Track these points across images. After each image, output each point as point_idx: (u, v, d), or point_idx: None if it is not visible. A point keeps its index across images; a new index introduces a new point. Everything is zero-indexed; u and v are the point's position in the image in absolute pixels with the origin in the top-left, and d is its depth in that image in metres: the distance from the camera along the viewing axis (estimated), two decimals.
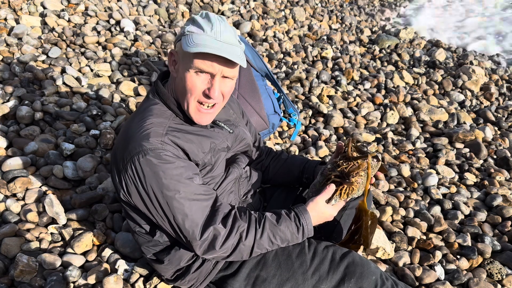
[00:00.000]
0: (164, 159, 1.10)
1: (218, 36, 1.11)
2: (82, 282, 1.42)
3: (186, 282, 1.33)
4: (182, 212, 1.11)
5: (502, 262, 1.82)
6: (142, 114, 1.20)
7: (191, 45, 1.09)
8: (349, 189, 1.26)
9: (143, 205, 1.15)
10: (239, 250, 1.16)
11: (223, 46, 1.10)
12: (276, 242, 1.20)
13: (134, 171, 1.10)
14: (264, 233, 1.18)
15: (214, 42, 1.10)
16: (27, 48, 2.68)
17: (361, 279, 1.24)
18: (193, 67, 1.13)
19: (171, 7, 4.06)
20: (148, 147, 1.09)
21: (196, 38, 1.10)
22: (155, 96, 1.26)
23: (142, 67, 2.90)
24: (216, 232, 1.13)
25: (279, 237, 1.20)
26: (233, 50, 1.12)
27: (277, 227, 1.19)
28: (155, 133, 1.13)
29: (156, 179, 1.09)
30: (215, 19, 1.14)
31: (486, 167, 2.60)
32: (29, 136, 2.01)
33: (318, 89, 3.27)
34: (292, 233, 1.21)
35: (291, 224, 1.21)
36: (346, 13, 5.61)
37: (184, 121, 1.25)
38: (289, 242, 1.23)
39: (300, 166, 1.57)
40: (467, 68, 3.92)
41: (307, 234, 1.23)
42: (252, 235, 1.16)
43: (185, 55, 1.14)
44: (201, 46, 1.09)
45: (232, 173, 1.35)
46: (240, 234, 1.15)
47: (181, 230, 1.13)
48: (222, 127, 1.36)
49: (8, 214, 1.65)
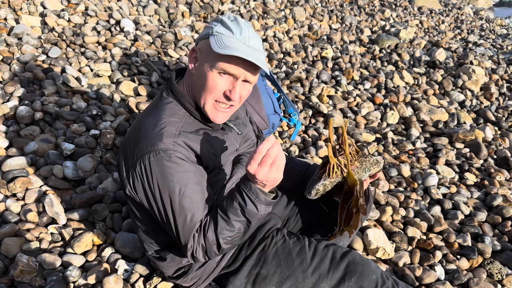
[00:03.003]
0: (174, 161, 1.09)
1: (247, 41, 1.12)
2: (82, 282, 1.42)
3: (188, 280, 1.33)
4: (184, 216, 1.10)
5: (502, 262, 1.82)
6: (157, 112, 1.20)
7: (221, 47, 1.09)
8: (336, 167, 1.25)
9: (147, 203, 1.15)
10: (210, 250, 1.12)
11: (251, 51, 1.12)
12: (232, 221, 1.10)
13: (143, 169, 1.10)
14: (218, 222, 1.10)
15: (243, 47, 1.11)
16: (27, 48, 2.68)
17: (361, 278, 1.24)
18: (217, 68, 1.13)
19: (171, 7, 4.06)
20: (160, 147, 1.09)
21: (226, 40, 1.11)
22: (169, 94, 1.25)
23: (142, 67, 2.90)
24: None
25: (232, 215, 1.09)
26: (260, 56, 1.14)
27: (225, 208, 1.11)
28: (168, 133, 1.12)
29: (163, 180, 1.09)
30: (244, 23, 1.15)
31: (486, 167, 2.60)
32: (29, 136, 2.01)
33: (318, 89, 3.27)
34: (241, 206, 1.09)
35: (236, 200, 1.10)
36: (346, 13, 5.61)
37: (199, 120, 1.24)
38: (247, 213, 1.09)
39: (299, 174, 1.55)
40: (467, 68, 3.92)
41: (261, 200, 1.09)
42: (212, 229, 1.10)
43: (210, 54, 1.14)
44: (232, 49, 1.09)
45: (237, 173, 1.34)
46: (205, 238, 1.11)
47: (178, 233, 1.12)
48: (231, 128, 1.35)
49: (8, 214, 1.65)
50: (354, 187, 1.27)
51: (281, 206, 1.57)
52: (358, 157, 1.31)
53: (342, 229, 1.36)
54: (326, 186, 1.29)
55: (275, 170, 1.02)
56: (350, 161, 1.27)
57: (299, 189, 1.54)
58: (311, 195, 1.32)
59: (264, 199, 1.08)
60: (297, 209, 1.60)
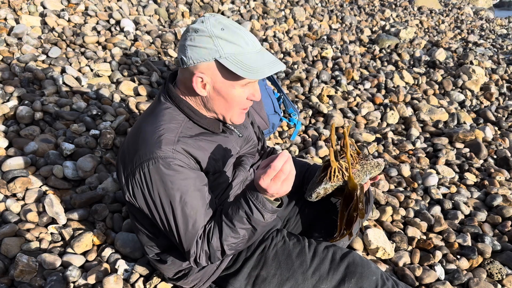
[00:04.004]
0: (174, 169, 1.09)
1: (257, 46, 1.12)
2: (82, 282, 1.42)
3: (189, 282, 1.33)
4: (186, 223, 1.10)
5: (502, 262, 1.82)
6: (155, 118, 1.18)
7: (248, 70, 1.07)
8: (337, 170, 1.26)
9: (147, 210, 1.15)
10: (214, 256, 1.13)
11: (267, 56, 1.12)
12: (237, 228, 1.10)
13: (142, 177, 1.10)
14: (223, 229, 1.11)
15: (258, 56, 1.11)
16: (27, 48, 2.68)
17: (361, 279, 1.24)
18: (242, 83, 1.13)
19: (171, 7, 4.06)
20: (159, 155, 1.08)
21: (245, 59, 1.08)
22: (167, 99, 1.22)
23: (142, 67, 2.90)
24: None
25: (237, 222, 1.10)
26: (271, 56, 1.14)
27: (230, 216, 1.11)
28: (167, 140, 1.11)
29: (164, 188, 1.09)
30: (235, 28, 1.10)
31: (486, 167, 2.60)
32: (29, 136, 2.01)
33: (318, 89, 3.27)
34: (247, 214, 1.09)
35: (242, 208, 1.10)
36: (346, 13, 5.61)
37: (198, 124, 1.22)
38: (253, 221, 1.10)
39: (299, 175, 1.53)
40: (467, 68, 3.92)
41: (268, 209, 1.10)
42: (217, 236, 1.11)
43: (230, 76, 1.11)
44: (259, 69, 1.08)
45: (238, 176, 1.33)
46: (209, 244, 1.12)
47: (181, 240, 1.12)
48: (232, 131, 1.33)
49: (8, 214, 1.65)
50: (355, 191, 1.27)
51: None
52: (359, 159, 1.31)
53: (342, 232, 1.36)
54: (327, 189, 1.29)
55: (287, 184, 1.03)
56: (351, 164, 1.27)
57: (299, 189, 1.54)
58: (311, 198, 1.32)
59: (271, 208, 1.09)
60: (297, 210, 1.60)
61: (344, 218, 1.32)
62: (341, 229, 1.36)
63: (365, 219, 1.63)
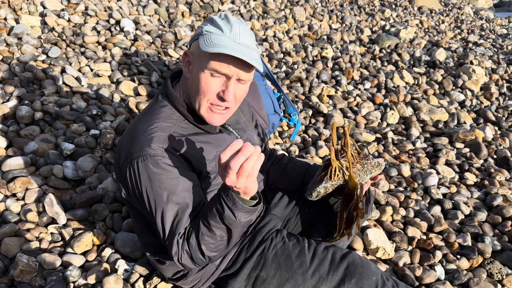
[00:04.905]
0: (162, 168, 1.09)
1: (237, 38, 1.09)
2: (82, 282, 1.42)
3: (188, 282, 1.33)
4: (170, 222, 1.09)
5: (502, 262, 1.82)
6: (150, 116, 1.18)
7: (209, 45, 1.07)
8: (338, 169, 1.25)
9: (140, 207, 1.16)
10: (196, 257, 1.10)
11: (241, 49, 1.08)
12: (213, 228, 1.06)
13: (132, 173, 1.10)
14: (200, 230, 1.07)
15: (233, 44, 1.08)
16: (27, 48, 2.68)
17: (361, 279, 1.24)
18: (208, 68, 1.10)
19: (171, 7, 4.06)
20: (148, 153, 1.08)
21: (214, 39, 1.08)
22: (164, 98, 1.23)
23: (142, 67, 2.90)
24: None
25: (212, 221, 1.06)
26: (251, 53, 1.10)
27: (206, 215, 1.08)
28: (158, 139, 1.11)
29: (151, 186, 1.09)
30: (234, 21, 1.11)
31: (486, 167, 2.60)
32: (29, 136, 2.01)
33: (318, 89, 3.27)
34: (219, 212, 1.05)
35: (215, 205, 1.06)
36: (346, 12, 5.61)
37: (193, 123, 1.22)
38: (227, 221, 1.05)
39: (299, 175, 1.54)
40: (467, 68, 3.92)
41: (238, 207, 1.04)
42: (194, 235, 1.08)
43: (201, 55, 1.11)
44: (219, 46, 1.06)
45: None
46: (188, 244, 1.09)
47: (164, 239, 1.11)
48: (231, 132, 1.32)
49: (8, 214, 1.65)
50: (355, 190, 1.27)
51: (281, 207, 1.57)
52: (360, 159, 1.31)
53: (342, 232, 1.36)
54: (327, 188, 1.29)
55: (250, 181, 0.96)
56: (352, 164, 1.27)
57: (299, 189, 1.54)
58: (312, 197, 1.32)
59: (241, 206, 1.02)
60: (297, 210, 1.59)
61: (344, 217, 1.32)
62: (340, 229, 1.36)
63: (365, 219, 1.63)
